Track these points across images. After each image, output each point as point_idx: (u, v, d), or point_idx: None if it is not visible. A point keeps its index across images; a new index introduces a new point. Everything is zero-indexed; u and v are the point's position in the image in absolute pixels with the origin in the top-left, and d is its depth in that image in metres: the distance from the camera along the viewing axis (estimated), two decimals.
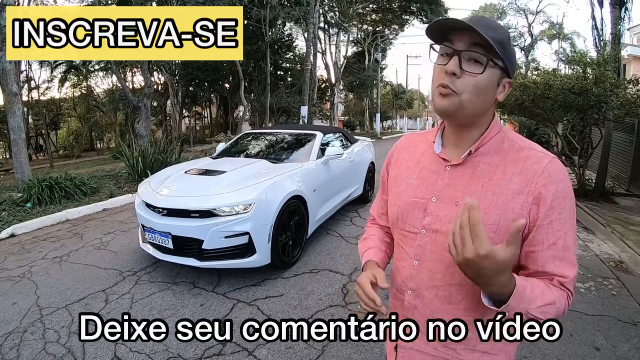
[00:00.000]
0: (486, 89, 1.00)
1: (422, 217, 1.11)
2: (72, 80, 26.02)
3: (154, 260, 4.57)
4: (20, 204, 7.15)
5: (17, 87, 8.49)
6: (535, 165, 1.01)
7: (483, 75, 0.98)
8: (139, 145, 10.65)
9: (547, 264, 0.99)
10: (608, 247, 5.30)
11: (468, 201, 0.84)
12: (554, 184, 0.98)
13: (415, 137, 1.33)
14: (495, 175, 1.03)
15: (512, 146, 1.06)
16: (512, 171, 1.02)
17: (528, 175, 1.00)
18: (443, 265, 1.07)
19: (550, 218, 0.98)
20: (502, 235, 0.97)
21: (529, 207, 0.98)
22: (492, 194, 1.01)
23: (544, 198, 0.97)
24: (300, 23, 23.12)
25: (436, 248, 1.09)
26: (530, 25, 36.73)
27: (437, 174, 1.13)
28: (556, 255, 0.98)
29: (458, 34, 0.99)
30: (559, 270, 0.98)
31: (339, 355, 2.90)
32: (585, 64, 7.43)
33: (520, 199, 0.99)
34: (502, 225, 0.99)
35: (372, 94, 37.98)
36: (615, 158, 9.47)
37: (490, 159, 1.06)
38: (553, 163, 1.01)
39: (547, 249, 0.98)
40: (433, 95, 1.05)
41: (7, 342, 3.11)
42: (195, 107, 31.00)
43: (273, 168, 4.90)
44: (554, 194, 0.97)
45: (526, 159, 1.02)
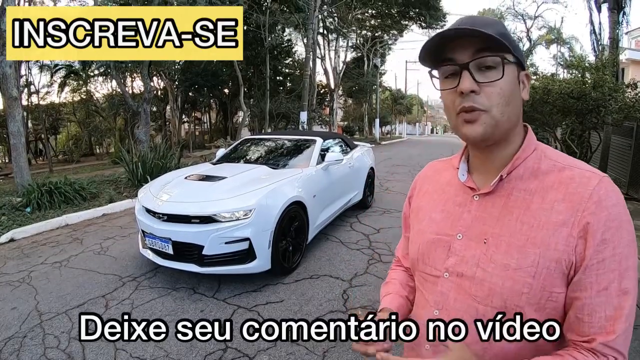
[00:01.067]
0: (513, 93, 0.85)
1: (446, 258, 0.95)
2: (72, 85, 26.01)
3: (154, 266, 4.57)
4: (19, 208, 7.14)
5: (17, 92, 8.50)
6: (581, 188, 0.82)
7: (504, 78, 0.83)
8: (138, 150, 10.68)
9: (594, 315, 0.79)
10: None
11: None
12: (605, 211, 0.79)
13: (439, 164, 1.16)
14: (532, 204, 0.85)
15: (553, 166, 0.88)
16: (554, 198, 0.84)
17: (573, 202, 0.81)
18: (469, 317, 0.89)
19: (602, 256, 0.78)
20: (542, 280, 0.81)
21: (575, 241, 0.79)
22: (530, 228, 0.84)
23: (593, 230, 0.78)
24: (300, 29, 23.21)
25: (460, 296, 0.91)
26: (528, 30, 36.85)
27: (464, 206, 0.96)
28: (608, 303, 0.78)
29: (456, 46, 0.85)
30: (607, 324, 0.78)
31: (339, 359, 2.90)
32: (583, 69, 7.49)
33: (564, 233, 0.80)
34: (542, 267, 0.81)
35: (371, 99, 38.06)
36: (614, 162, 9.49)
37: (527, 185, 0.88)
38: (603, 184, 0.82)
39: (596, 296, 0.79)
40: (457, 125, 0.88)
41: (7, 347, 3.10)
42: (194, 113, 31.06)
43: (273, 174, 4.91)
44: (605, 225, 0.78)
45: (570, 181, 0.84)
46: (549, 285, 0.81)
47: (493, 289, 0.85)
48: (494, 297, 0.85)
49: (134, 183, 9.20)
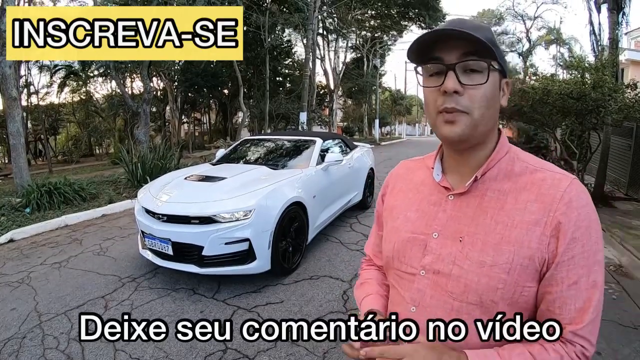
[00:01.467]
0: (494, 98, 0.88)
1: (422, 256, 0.96)
2: (72, 86, 26.01)
3: (154, 267, 4.56)
4: (19, 209, 7.14)
5: (16, 92, 8.51)
6: (552, 189, 0.86)
7: (488, 83, 0.85)
8: (138, 151, 10.67)
9: (564, 307, 0.84)
10: (608, 251, 5.29)
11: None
12: (575, 211, 0.83)
13: (412, 163, 1.18)
14: (506, 204, 0.89)
15: (525, 168, 0.92)
16: (527, 198, 0.87)
17: (545, 202, 0.85)
18: (443, 313, 0.91)
19: (572, 253, 0.83)
20: (516, 276, 0.85)
21: (548, 240, 0.84)
22: (504, 227, 0.87)
23: (565, 229, 0.83)
24: (299, 29, 23.24)
25: (437, 293, 0.93)
26: (528, 30, 36.89)
27: (439, 206, 0.98)
28: (578, 296, 0.83)
29: (445, 46, 0.86)
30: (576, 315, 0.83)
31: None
32: (583, 69, 7.46)
33: (537, 231, 0.84)
34: (516, 264, 0.84)
35: (370, 100, 38.05)
36: (614, 162, 9.49)
37: (500, 185, 0.91)
38: (573, 185, 0.86)
39: (567, 290, 0.83)
40: (436, 123, 0.90)
41: (6, 348, 3.10)
42: (194, 113, 31.08)
43: (273, 174, 4.90)
44: (575, 224, 0.83)
45: (542, 183, 0.88)
46: (522, 280, 0.85)
47: (469, 285, 0.88)
48: (469, 293, 0.88)
49: (134, 184, 9.20)
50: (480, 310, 0.88)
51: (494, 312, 0.87)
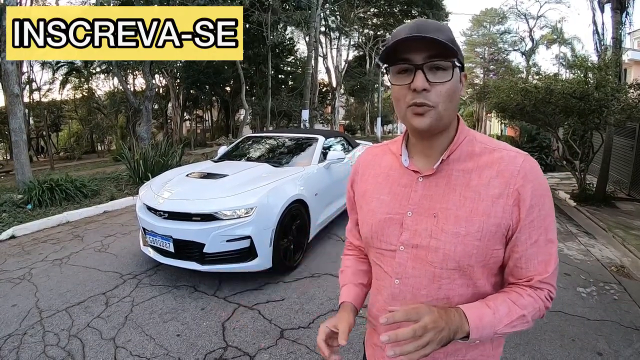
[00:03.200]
0: (456, 92, 0.99)
1: (400, 233, 1.06)
2: (74, 82, 26.02)
3: (155, 264, 4.56)
4: (20, 205, 7.15)
5: (18, 89, 8.50)
6: (510, 165, 0.99)
7: (452, 80, 0.96)
8: (140, 147, 10.67)
9: (529, 262, 0.99)
10: (609, 251, 5.29)
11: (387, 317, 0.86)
12: (530, 183, 0.97)
13: (376, 149, 1.28)
14: (472, 181, 1.01)
15: (484, 148, 1.04)
16: (489, 174, 1.00)
17: (505, 177, 0.98)
18: (426, 280, 1.03)
19: (531, 217, 0.97)
20: (486, 241, 0.97)
21: (511, 209, 0.97)
22: (472, 201, 0.99)
23: (523, 198, 0.96)
24: (302, 27, 23.20)
25: (418, 264, 1.04)
26: (531, 29, 36.81)
27: (410, 187, 1.08)
28: (539, 252, 0.99)
29: (412, 48, 0.95)
30: (540, 267, 1.00)
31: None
32: (586, 69, 7.43)
33: (501, 203, 0.97)
34: (486, 231, 0.97)
35: (373, 98, 38.05)
36: (616, 163, 9.46)
37: (464, 165, 1.03)
38: (527, 161, 1.00)
39: (529, 248, 0.98)
40: (405, 116, 1.00)
41: (7, 344, 3.10)
42: (196, 110, 31.09)
43: (275, 172, 4.89)
44: (532, 193, 0.96)
45: (500, 160, 1.00)
46: (491, 244, 0.98)
47: (447, 254, 0.99)
48: (448, 260, 1.00)
49: (135, 180, 9.21)
50: (458, 274, 1.01)
51: (470, 273, 1.00)
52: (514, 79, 9.21)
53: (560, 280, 4.28)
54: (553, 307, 3.60)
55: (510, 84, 8.64)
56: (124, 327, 3.34)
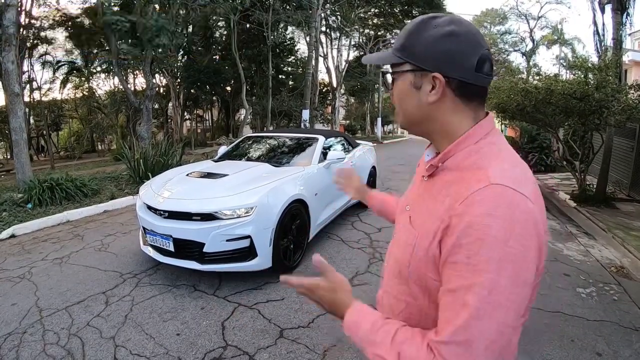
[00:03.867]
0: (403, 96, 1.01)
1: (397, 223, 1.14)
2: (74, 82, 26.03)
3: (155, 263, 4.57)
4: (21, 204, 7.15)
5: (19, 88, 8.50)
6: (463, 188, 0.83)
7: (395, 87, 1.02)
8: (140, 147, 10.65)
9: (441, 310, 0.82)
10: (609, 252, 5.29)
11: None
12: (469, 217, 0.78)
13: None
14: (439, 195, 0.91)
15: (473, 164, 0.89)
16: (447, 193, 0.88)
17: (452, 199, 0.84)
18: (388, 274, 1.09)
19: (455, 258, 0.79)
20: (417, 262, 0.91)
21: (440, 236, 0.83)
22: (427, 214, 0.92)
23: (452, 231, 0.80)
24: (302, 27, 23.20)
25: (391, 256, 1.10)
26: (531, 30, 36.82)
27: (417, 184, 1.10)
28: (451, 307, 0.79)
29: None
30: (442, 325, 0.79)
31: (340, 359, 2.89)
32: (586, 69, 7.44)
33: (435, 225, 0.86)
34: (416, 251, 0.91)
35: (373, 99, 38.00)
36: (616, 163, 9.46)
37: (449, 176, 0.93)
38: (487, 190, 0.79)
39: (444, 294, 0.81)
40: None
41: (7, 343, 3.10)
42: (196, 110, 31.05)
43: (275, 172, 4.90)
44: (465, 230, 0.77)
45: (462, 180, 0.87)
46: (423, 268, 0.89)
47: (397, 255, 1.03)
48: (397, 262, 1.02)
49: (136, 180, 9.20)
50: (400, 280, 1.00)
51: (409, 285, 0.96)
52: (515, 80, 9.19)
53: (560, 281, 4.29)
54: (552, 308, 3.62)
55: (510, 85, 8.63)
56: (124, 326, 3.34)
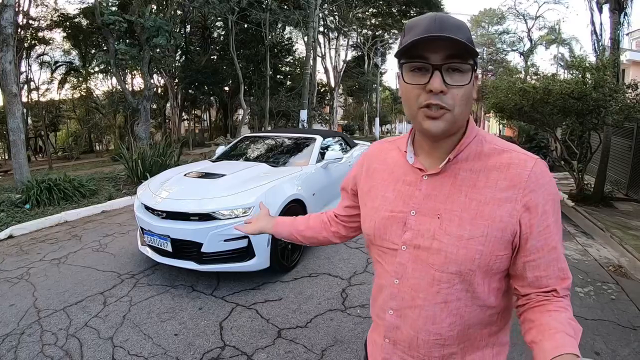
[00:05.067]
0: (471, 95, 0.95)
1: (402, 233, 1.04)
2: (72, 82, 26.01)
3: (153, 263, 4.56)
4: (19, 205, 7.14)
5: (16, 88, 8.49)
6: (520, 168, 0.95)
7: (469, 83, 0.92)
8: (138, 147, 10.65)
9: (549, 269, 0.95)
10: (607, 251, 5.30)
11: None
12: (542, 187, 0.94)
13: (385, 144, 1.24)
14: (478, 183, 0.97)
15: (493, 149, 1.00)
16: (497, 177, 0.96)
17: (514, 181, 0.94)
18: (425, 283, 1.00)
19: (547, 222, 0.94)
20: (490, 246, 0.94)
21: (519, 214, 0.93)
22: (478, 203, 0.95)
23: (535, 204, 0.93)
24: (300, 27, 23.18)
25: (418, 265, 1.01)
26: (529, 30, 36.85)
27: (414, 185, 1.05)
28: (559, 257, 0.96)
29: (431, 46, 0.89)
30: (562, 273, 0.96)
31: (338, 359, 2.89)
32: (584, 69, 7.43)
33: (508, 207, 0.93)
34: (490, 236, 0.93)
35: (371, 98, 38.05)
36: (614, 163, 9.48)
37: (472, 166, 0.99)
38: (538, 165, 0.96)
39: (548, 254, 0.95)
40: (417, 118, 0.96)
41: (5, 344, 3.09)
42: (194, 110, 31.05)
43: (273, 172, 4.89)
44: (544, 198, 0.93)
45: (509, 163, 0.96)
46: (496, 250, 0.94)
47: (449, 257, 0.96)
48: (450, 264, 0.96)
49: (134, 180, 9.20)
50: (459, 278, 0.97)
51: (471, 278, 0.96)
52: (512, 79, 9.20)
53: None
54: None
55: (508, 84, 8.62)
56: (122, 326, 3.34)
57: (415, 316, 1.02)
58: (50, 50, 24.32)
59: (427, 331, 1.01)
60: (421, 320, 1.01)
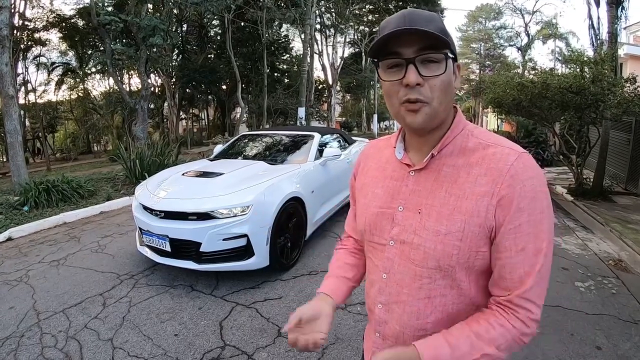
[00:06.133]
0: (450, 85, 0.94)
1: (391, 228, 1.05)
2: (69, 83, 25.97)
3: (152, 264, 4.55)
4: (17, 207, 7.11)
5: (13, 90, 8.47)
6: (500, 163, 0.92)
7: (446, 72, 0.91)
8: (136, 147, 10.62)
9: (514, 272, 0.91)
10: (607, 245, 5.29)
11: None
12: (520, 183, 0.89)
13: (380, 142, 1.26)
14: (460, 178, 0.96)
15: (478, 144, 0.98)
16: (477, 172, 0.94)
17: (494, 175, 0.92)
18: (409, 278, 1.01)
19: (518, 221, 0.89)
20: (469, 242, 0.93)
21: (494, 209, 0.90)
22: (456, 198, 0.94)
23: (509, 200, 0.89)
24: (297, 24, 23.14)
25: (402, 260, 1.02)
26: (526, 25, 36.84)
27: (402, 181, 1.06)
28: (526, 262, 0.90)
29: (402, 41, 0.90)
30: (523, 279, 0.91)
31: (339, 357, 2.88)
32: (582, 63, 7.43)
33: (485, 202, 0.91)
34: (467, 231, 0.92)
35: (369, 95, 38.02)
36: (613, 157, 9.48)
37: (455, 161, 0.98)
38: (521, 159, 0.92)
39: (515, 255, 0.90)
40: (399, 113, 0.96)
41: (4, 347, 3.08)
42: (192, 109, 31.05)
43: (271, 170, 4.88)
44: (520, 194, 0.89)
45: (492, 157, 0.94)
46: (475, 245, 0.93)
47: (427, 252, 0.97)
48: (428, 259, 0.97)
49: (132, 180, 9.17)
50: (440, 274, 0.97)
51: (452, 274, 0.96)
52: (510, 74, 9.20)
53: (558, 275, 4.29)
54: (551, 302, 3.62)
55: (506, 79, 8.63)
56: (122, 327, 3.32)
57: (400, 311, 1.04)
58: (46, 51, 24.33)
59: (412, 326, 1.03)
60: (406, 315, 1.03)
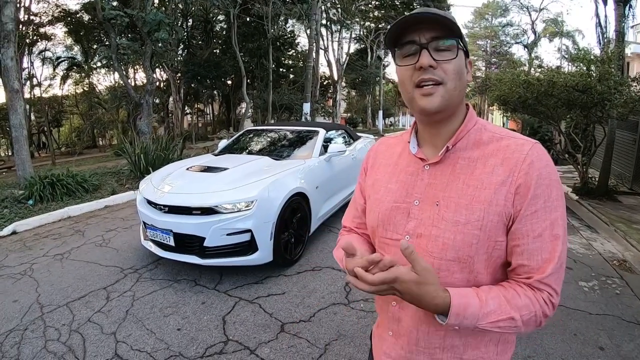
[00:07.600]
0: (462, 72, 0.98)
1: (406, 222, 1.05)
2: (74, 78, 26.03)
3: (156, 258, 4.56)
4: (22, 201, 7.14)
5: (18, 84, 8.47)
6: (516, 153, 0.95)
7: (457, 58, 0.96)
8: (141, 142, 10.63)
9: (532, 258, 0.93)
10: (611, 245, 5.27)
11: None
12: (536, 171, 0.92)
13: (391, 139, 1.27)
14: (476, 170, 0.98)
15: (492, 137, 1.01)
16: (494, 163, 0.96)
17: (510, 164, 0.94)
18: None
19: (535, 207, 0.92)
20: (488, 231, 0.93)
21: (512, 197, 0.92)
22: (475, 189, 0.96)
23: (527, 187, 0.92)
24: (303, 20, 23.08)
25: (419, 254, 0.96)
26: (533, 22, 36.62)
27: (416, 175, 1.07)
28: (543, 247, 0.92)
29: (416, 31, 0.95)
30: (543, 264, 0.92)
31: (341, 353, 2.88)
32: (589, 62, 7.38)
33: (503, 191, 0.93)
34: (487, 221, 0.93)
35: (374, 91, 37.92)
36: (619, 156, 9.42)
37: (470, 154, 1.01)
38: (535, 149, 0.95)
39: (532, 242, 0.92)
40: (413, 98, 0.99)
41: (8, 340, 3.10)
42: (197, 104, 31.05)
43: (275, 165, 4.88)
44: (536, 182, 0.91)
45: (507, 148, 0.97)
46: (494, 235, 0.94)
47: (446, 243, 0.97)
48: (447, 250, 0.97)
49: (136, 175, 9.19)
50: (458, 266, 0.97)
51: (470, 265, 0.96)
52: (516, 72, 9.14)
53: None
54: None
55: (512, 77, 8.57)
56: (125, 321, 3.34)
57: (415, 307, 1.00)
58: (52, 46, 24.39)
59: (427, 322, 1.02)
60: (422, 311, 1.01)
